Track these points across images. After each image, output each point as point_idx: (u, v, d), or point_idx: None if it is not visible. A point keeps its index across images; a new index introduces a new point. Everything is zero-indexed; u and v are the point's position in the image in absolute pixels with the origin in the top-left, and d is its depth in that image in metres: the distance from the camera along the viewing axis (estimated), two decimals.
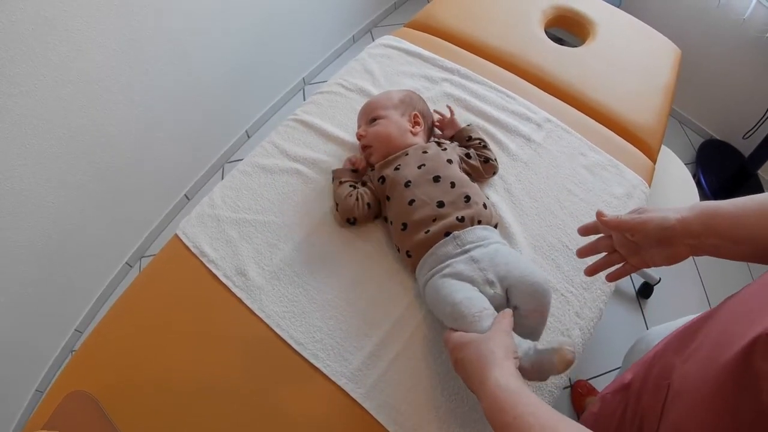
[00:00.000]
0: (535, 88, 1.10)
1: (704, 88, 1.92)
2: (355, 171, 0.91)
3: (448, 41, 1.18)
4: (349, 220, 0.85)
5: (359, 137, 0.91)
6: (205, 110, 1.78)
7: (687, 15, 1.80)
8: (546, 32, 1.23)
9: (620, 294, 1.61)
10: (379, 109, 0.91)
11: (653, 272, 1.58)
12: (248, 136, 2.09)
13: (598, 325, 0.84)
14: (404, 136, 0.89)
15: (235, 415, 0.73)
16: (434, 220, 0.76)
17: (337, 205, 0.86)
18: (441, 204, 0.78)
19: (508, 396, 0.51)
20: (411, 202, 0.79)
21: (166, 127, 1.65)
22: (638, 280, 1.63)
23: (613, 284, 0.86)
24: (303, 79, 2.21)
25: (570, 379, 1.43)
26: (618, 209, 0.92)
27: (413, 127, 0.91)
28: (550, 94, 1.10)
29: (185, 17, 1.50)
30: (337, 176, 0.90)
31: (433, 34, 1.20)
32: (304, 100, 1.97)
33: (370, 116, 0.91)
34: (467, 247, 0.74)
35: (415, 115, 0.93)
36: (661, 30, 1.27)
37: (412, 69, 1.10)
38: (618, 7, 1.34)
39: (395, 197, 0.81)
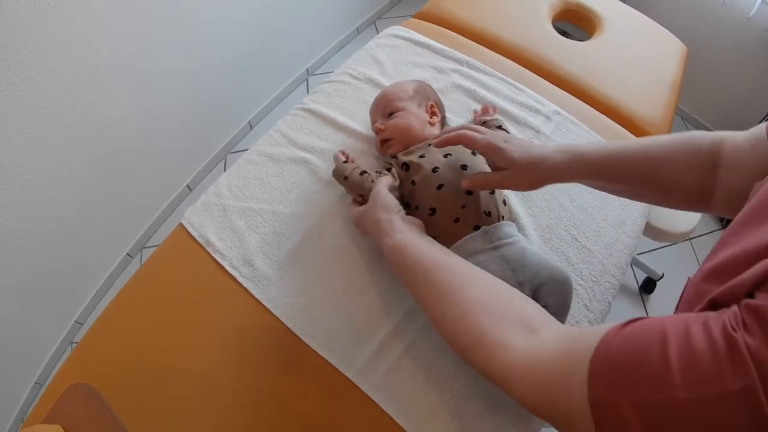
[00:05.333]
0: (544, 80, 1.10)
1: (708, 85, 1.92)
2: (345, 161, 0.88)
3: (457, 32, 1.17)
4: None
5: (378, 131, 0.88)
6: (207, 100, 1.77)
7: (692, 12, 1.80)
8: (553, 26, 1.23)
9: (623, 289, 1.61)
10: (396, 101, 0.90)
11: (656, 268, 1.58)
12: (251, 127, 2.08)
13: (606, 319, 0.84)
14: (423, 127, 0.88)
15: (240, 406, 0.72)
16: (463, 207, 0.75)
17: (361, 196, 0.82)
18: (469, 192, 0.76)
19: (396, 253, 0.65)
20: (440, 186, 0.77)
21: (169, 117, 1.64)
22: (641, 275, 1.63)
23: (621, 277, 0.86)
24: (306, 70, 2.20)
25: None
26: (626, 203, 0.91)
27: (431, 117, 0.90)
28: (558, 86, 1.09)
29: (188, 7, 1.49)
30: (339, 174, 0.85)
31: (441, 25, 1.19)
32: (308, 91, 1.96)
33: (387, 109, 0.90)
34: (497, 243, 0.73)
35: (432, 105, 0.92)
36: (665, 27, 1.27)
37: (421, 59, 1.09)
38: (624, 2, 1.34)
39: (421, 182, 0.79)
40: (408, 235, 0.66)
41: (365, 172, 0.83)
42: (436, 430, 0.69)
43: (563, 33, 1.22)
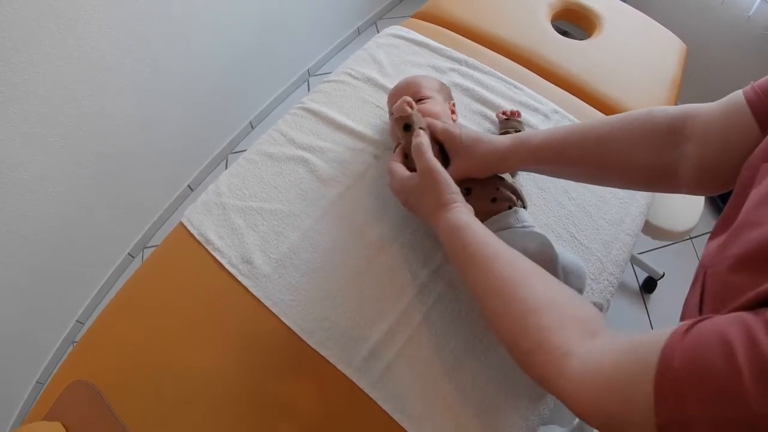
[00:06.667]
0: (542, 79, 1.10)
1: (708, 84, 1.91)
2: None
3: (456, 32, 1.17)
4: None
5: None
6: (208, 100, 1.77)
7: (691, 11, 1.80)
8: (552, 25, 1.23)
9: (624, 288, 1.61)
10: (426, 89, 0.89)
11: (657, 267, 1.58)
12: (252, 127, 2.08)
13: (605, 317, 0.84)
14: (447, 121, 0.86)
15: (239, 405, 0.72)
16: (498, 189, 0.77)
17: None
18: (500, 177, 0.79)
19: (457, 232, 0.62)
20: None
21: (170, 118, 1.65)
22: (642, 274, 1.63)
23: (619, 275, 0.86)
24: (308, 70, 2.21)
25: None
26: (624, 200, 0.92)
27: (452, 114, 0.91)
28: (556, 85, 1.09)
29: (189, 7, 1.49)
30: (417, 123, 0.76)
31: (440, 25, 1.19)
32: (309, 91, 1.97)
33: (417, 95, 0.88)
34: (525, 224, 0.75)
35: (454, 104, 0.93)
36: (665, 26, 1.27)
37: (420, 59, 1.09)
38: (623, 1, 1.34)
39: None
40: (470, 217, 0.64)
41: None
42: (434, 427, 0.69)
43: (563, 33, 1.22)
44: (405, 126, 0.76)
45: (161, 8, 1.41)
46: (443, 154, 0.77)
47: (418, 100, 0.88)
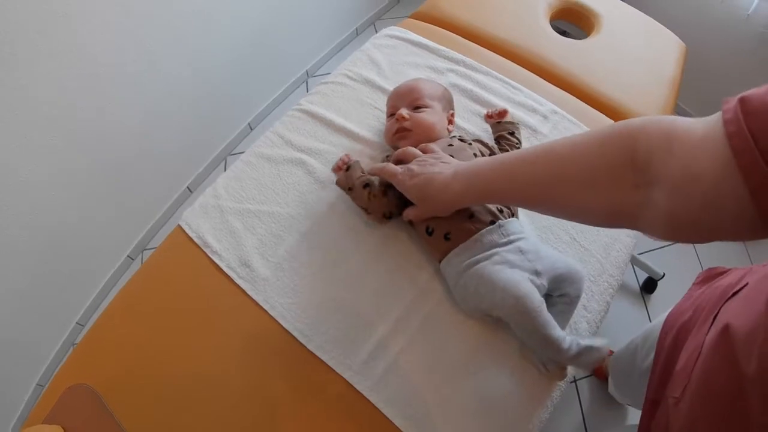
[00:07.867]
0: (541, 79, 1.09)
1: (708, 82, 1.91)
2: (347, 169, 0.85)
3: (453, 32, 1.17)
4: (384, 214, 0.82)
5: (401, 119, 0.86)
6: (207, 102, 1.77)
7: (691, 10, 1.79)
8: (551, 24, 1.23)
9: (624, 289, 1.61)
10: (426, 97, 0.89)
11: (657, 267, 1.57)
12: (251, 129, 2.08)
13: (604, 319, 0.83)
14: (442, 132, 0.87)
15: (238, 408, 0.72)
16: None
17: (365, 209, 0.82)
18: None
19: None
20: None
21: (169, 120, 1.64)
22: (642, 275, 1.63)
23: (619, 277, 0.86)
24: (306, 71, 2.20)
25: None
26: None
27: (449, 125, 0.91)
28: (555, 85, 1.09)
29: (187, 10, 1.49)
30: (345, 185, 0.84)
31: (438, 25, 1.19)
32: (307, 92, 1.96)
33: (416, 102, 0.88)
34: (511, 237, 0.74)
35: (452, 114, 0.93)
36: (664, 25, 1.27)
37: (418, 60, 1.09)
38: (623, 1, 1.33)
39: None
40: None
41: (368, 184, 0.80)
42: (433, 429, 0.69)
43: (562, 32, 1.21)
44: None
45: (159, 10, 1.40)
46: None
47: (416, 108, 0.88)
